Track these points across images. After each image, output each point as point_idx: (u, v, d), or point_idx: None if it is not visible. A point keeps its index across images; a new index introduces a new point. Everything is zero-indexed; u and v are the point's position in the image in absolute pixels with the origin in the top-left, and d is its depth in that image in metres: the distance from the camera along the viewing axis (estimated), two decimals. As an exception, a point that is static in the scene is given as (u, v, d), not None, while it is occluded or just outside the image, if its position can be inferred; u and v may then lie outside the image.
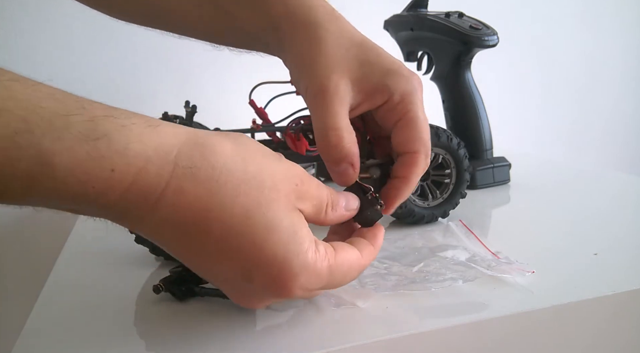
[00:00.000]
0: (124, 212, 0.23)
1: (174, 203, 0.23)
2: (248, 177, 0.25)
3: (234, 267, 0.25)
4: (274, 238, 0.25)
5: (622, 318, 0.34)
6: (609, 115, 1.26)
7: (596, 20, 1.20)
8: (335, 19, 0.33)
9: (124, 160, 0.22)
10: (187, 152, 0.24)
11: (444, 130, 0.47)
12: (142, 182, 0.22)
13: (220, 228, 0.24)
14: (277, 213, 0.25)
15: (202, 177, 0.24)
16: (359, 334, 0.29)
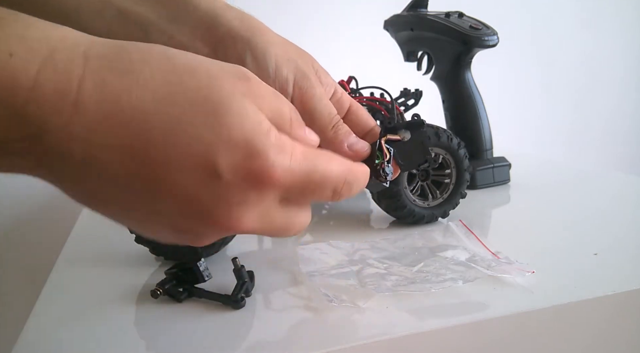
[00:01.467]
0: (40, 117, 0.19)
1: (100, 99, 0.20)
2: (175, 67, 0.22)
3: (193, 164, 0.21)
4: (228, 120, 0.21)
5: (622, 318, 0.34)
6: (609, 115, 1.27)
7: (596, 20, 1.20)
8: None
9: (24, 45, 0.18)
10: (97, 48, 0.20)
11: (444, 130, 0.47)
12: (52, 73, 0.19)
13: (162, 120, 0.20)
14: (224, 96, 0.21)
15: (121, 71, 0.20)
16: (359, 334, 0.29)
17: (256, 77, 0.24)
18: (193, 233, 0.23)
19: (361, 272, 0.36)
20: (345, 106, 0.35)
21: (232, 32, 0.31)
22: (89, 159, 0.20)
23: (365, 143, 0.33)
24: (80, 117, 0.19)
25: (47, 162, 0.20)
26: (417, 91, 0.57)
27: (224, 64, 0.23)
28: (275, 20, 1.04)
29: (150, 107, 0.20)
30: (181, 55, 0.22)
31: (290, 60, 0.32)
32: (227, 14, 0.32)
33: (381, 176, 0.32)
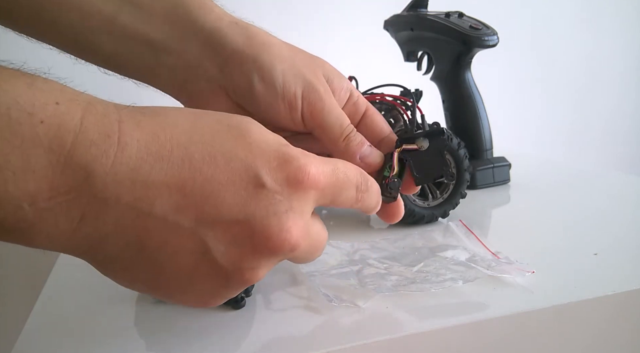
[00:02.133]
0: (86, 166, 0.19)
1: (140, 137, 0.20)
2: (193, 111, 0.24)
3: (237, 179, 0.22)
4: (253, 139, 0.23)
5: (622, 318, 0.34)
6: (609, 115, 1.27)
7: (596, 20, 1.20)
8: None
9: (66, 96, 0.20)
10: (122, 106, 0.22)
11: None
12: (94, 117, 0.20)
13: (201, 151, 0.22)
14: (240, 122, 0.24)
15: (151, 113, 0.22)
16: (359, 334, 0.29)
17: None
18: (246, 263, 0.23)
19: (361, 272, 0.36)
20: (361, 110, 0.34)
21: (238, 51, 0.31)
22: (137, 199, 0.20)
23: (378, 154, 0.32)
24: (124, 156, 0.20)
25: (91, 217, 0.20)
26: (417, 91, 0.57)
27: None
28: (275, 20, 1.05)
29: (185, 139, 0.21)
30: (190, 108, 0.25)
31: (298, 74, 0.32)
32: (233, 31, 0.31)
33: (385, 191, 0.31)
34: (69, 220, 0.20)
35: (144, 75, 0.33)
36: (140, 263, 0.22)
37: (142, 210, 0.21)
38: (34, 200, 0.19)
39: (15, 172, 0.18)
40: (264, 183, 0.22)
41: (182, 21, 0.31)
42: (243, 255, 0.23)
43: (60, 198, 0.19)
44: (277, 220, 0.23)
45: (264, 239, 0.22)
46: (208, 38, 0.31)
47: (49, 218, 0.19)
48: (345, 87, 0.34)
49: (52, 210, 0.19)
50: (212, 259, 0.22)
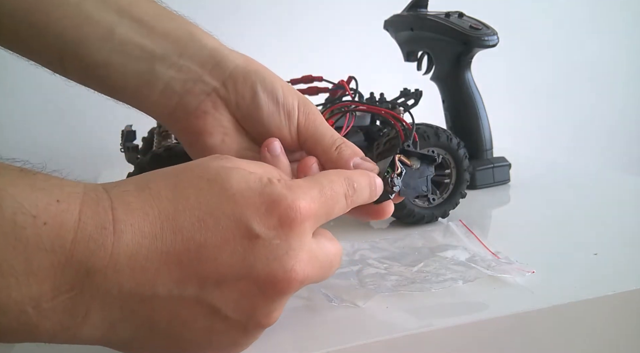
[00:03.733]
0: (86, 261, 0.20)
1: (133, 221, 0.21)
2: (170, 172, 0.24)
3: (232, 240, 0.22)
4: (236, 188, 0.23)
5: (622, 318, 0.34)
6: (609, 115, 1.27)
7: (597, 20, 1.20)
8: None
9: (65, 190, 0.20)
10: (109, 186, 0.23)
11: (444, 130, 0.47)
12: (91, 208, 0.20)
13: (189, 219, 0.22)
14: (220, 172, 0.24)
15: (135, 189, 0.23)
16: (359, 334, 0.29)
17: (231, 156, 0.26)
18: (259, 313, 0.24)
19: (361, 272, 0.36)
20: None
21: (240, 67, 0.33)
22: (138, 285, 0.21)
23: (371, 162, 0.33)
24: (121, 245, 0.20)
25: (96, 309, 0.21)
26: (417, 91, 0.57)
27: (202, 158, 0.26)
28: (276, 20, 1.05)
29: (172, 210, 0.22)
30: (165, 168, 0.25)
31: (292, 91, 0.34)
32: (233, 54, 0.33)
33: (388, 185, 0.32)
34: (73, 317, 0.20)
35: (134, 90, 0.32)
36: (155, 340, 0.23)
37: (145, 294, 0.21)
38: (37, 303, 0.19)
39: (18, 277, 0.18)
40: (258, 234, 0.23)
41: (184, 40, 0.32)
42: (254, 305, 0.23)
43: (62, 296, 0.20)
44: (279, 264, 0.23)
45: (270, 285, 0.23)
46: (210, 56, 0.32)
47: (52, 317, 0.20)
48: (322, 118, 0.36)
49: (55, 309, 0.20)
50: (225, 317, 0.23)
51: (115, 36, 0.30)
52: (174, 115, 0.33)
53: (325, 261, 0.26)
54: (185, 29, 0.32)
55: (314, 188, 0.25)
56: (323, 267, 0.26)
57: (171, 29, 0.32)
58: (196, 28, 0.33)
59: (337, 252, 0.28)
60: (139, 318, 0.22)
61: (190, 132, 0.33)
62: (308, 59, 0.98)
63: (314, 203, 0.24)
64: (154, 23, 0.31)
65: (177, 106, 0.32)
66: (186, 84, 0.32)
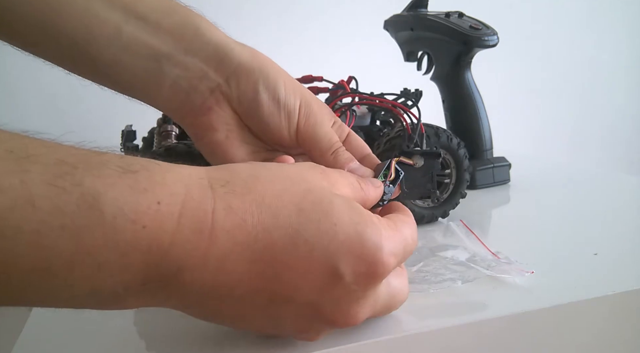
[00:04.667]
0: (180, 259, 0.21)
1: (230, 227, 0.21)
2: (275, 177, 0.24)
3: (316, 270, 0.23)
4: (337, 218, 0.23)
5: (622, 318, 0.34)
6: (609, 115, 1.27)
7: (596, 20, 1.20)
8: None
9: (167, 190, 0.20)
10: (215, 175, 0.23)
11: (444, 130, 0.47)
12: (191, 211, 0.21)
13: (282, 235, 0.22)
14: (324, 197, 0.24)
15: (241, 191, 0.23)
16: (359, 334, 0.29)
17: (322, 166, 0.27)
18: (310, 332, 0.26)
19: (361, 272, 0.36)
20: (344, 134, 0.36)
21: (244, 63, 0.33)
22: (218, 285, 0.22)
23: (367, 169, 0.33)
24: (214, 249, 0.21)
25: (177, 296, 0.22)
26: (417, 91, 0.57)
27: (302, 164, 0.27)
28: (276, 20, 1.05)
29: (270, 222, 0.22)
30: (272, 165, 0.26)
31: (296, 90, 0.34)
32: (239, 48, 0.33)
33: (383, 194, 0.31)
34: (156, 299, 0.22)
35: (142, 88, 0.33)
36: (220, 320, 0.26)
37: (222, 294, 0.22)
38: (127, 287, 0.21)
39: (113, 271, 0.20)
40: (342, 275, 0.23)
41: (189, 35, 0.32)
42: (309, 326, 0.25)
43: (151, 285, 0.21)
44: (346, 308, 0.24)
45: (329, 322, 0.25)
46: (215, 51, 0.32)
47: (138, 297, 0.22)
48: (329, 112, 0.36)
49: (143, 293, 0.21)
50: (281, 326, 0.25)
51: (122, 35, 0.31)
52: (182, 111, 0.33)
53: (386, 304, 0.27)
54: (191, 22, 0.32)
55: (401, 243, 0.26)
56: (383, 309, 0.28)
57: (176, 24, 0.32)
58: (202, 20, 0.33)
59: (403, 294, 0.29)
60: (210, 307, 0.23)
61: (197, 127, 0.34)
62: (308, 59, 0.98)
63: (395, 260, 0.25)
64: (159, 20, 0.31)
65: (184, 103, 0.33)
66: (192, 81, 0.32)
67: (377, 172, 0.33)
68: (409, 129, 0.39)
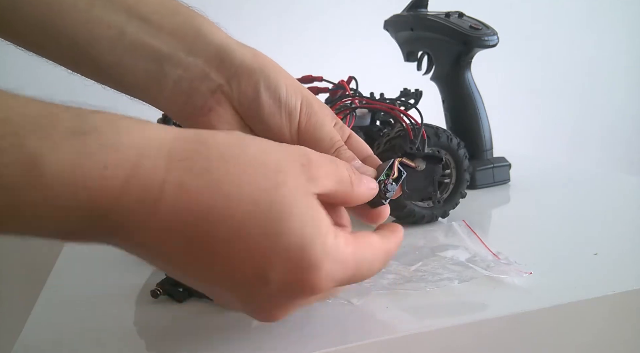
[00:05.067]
0: (120, 221, 0.21)
1: (175, 202, 0.21)
2: (248, 162, 0.23)
3: (246, 269, 0.23)
4: (288, 226, 0.23)
5: (622, 318, 0.34)
6: (609, 115, 1.27)
7: (597, 20, 1.20)
8: None
9: (116, 155, 0.20)
10: (180, 146, 0.22)
11: (444, 130, 0.47)
12: (138, 179, 0.21)
13: (226, 226, 0.22)
14: (287, 198, 0.23)
15: (199, 170, 0.22)
16: (359, 334, 0.29)
17: (315, 153, 0.26)
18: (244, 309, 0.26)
19: (360, 271, 0.36)
20: (346, 134, 0.36)
21: (246, 64, 0.33)
22: (157, 252, 0.23)
23: (369, 168, 0.33)
24: (156, 219, 0.21)
25: (119, 246, 0.23)
26: (417, 91, 0.57)
27: (288, 149, 0.25)
28: (276, 21, 1.05)
29: (220, 211, 0.22)
30: (255, 144, 0.24)
31: (297, 90, 0.34)
32: (240, 48, 0.33)
33: (381, 192, 0.31)
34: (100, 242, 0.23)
35: (144, 89, 0.33)
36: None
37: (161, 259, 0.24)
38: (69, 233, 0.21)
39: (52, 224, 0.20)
40: (269, 282, 0.23)
41: (191, 36, 0.32)
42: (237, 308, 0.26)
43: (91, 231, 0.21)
44: (268, 307, 0.25)
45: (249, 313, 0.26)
46: (216, 52, 0.32)
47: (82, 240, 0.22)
48: (329, 113, 0.36)
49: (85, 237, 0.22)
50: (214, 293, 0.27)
51: (125, 37, 0.31)
52: (184, 112, 0.33)
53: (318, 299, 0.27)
54: (192, 23, 0.32)
55: (349, 270, 0.25)
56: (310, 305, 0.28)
57: (178, 25, 0.32)
58: (204, 21, 0.33)
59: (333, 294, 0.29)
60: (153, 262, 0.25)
61: (198, 127, 0.34)
62: (308, 59, 0.98)
63: (334, 282, 0.25)
64: (161, 21, 0.32)
65: (185, 103, 0.33)
66: (193, 82, 0.32)
67: (379, 172, 0.33)
68: (411, 132, 0.39)
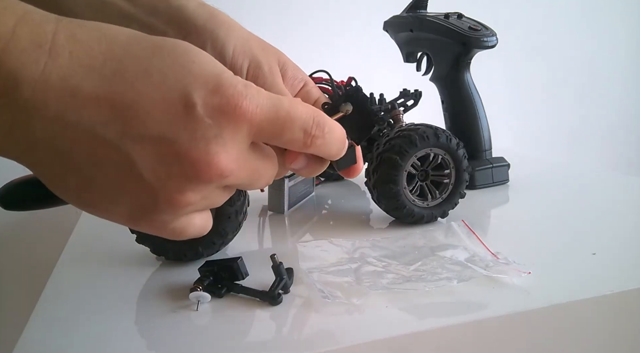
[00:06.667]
0: (16, 72, 0.20)
1: (73, 48, 0.21)
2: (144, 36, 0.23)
3: (168, 98, 0.22)
4: (198, 59, 0.23)
5: (621, 318, 0.34)
6: (608, 115, 1.27)
7: (596, 20, 1.20)
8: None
9: (3, 3, 0.20)
10: (64, 18, 0.22)
11: (443, 131, 0.47)
12: (28, 26, 0.20)
13: (136, 65, 0.22)
14: (189, 45, 0.23)
15: (92, 27, 0.22)
16: (358, 334, 0.29)
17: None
18: (171, 186, 0.23)
19: (359, 269, 0.36)
20: (313, 98, 0.37)
21: (198, 25, 0.34)
22: (64, 108, 0.21)
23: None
24: (55, 65, 0.20)
25: (21, 123, 0.21)
26: (417, 92, 0.57)
27: None
28: (276, 21, 1.05)
29: (121, 52, 0.22)
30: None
31: (247, 52, 0.34)
32: (198, 10, 0.34)
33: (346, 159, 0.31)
34: (0, 125, 0.21)
35: None
36: (70, 172, 0.23)
37: (70, 120, 0.21)
38: None
39: None
40: (195, 104, 0.22)
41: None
42: (170, 174, 0.23)
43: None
44: (204, 144, 0.22)
45: (189, 162, 0.22)
46: (176, 13, 0.34)
47: None
48: (300, 77, 0.37)
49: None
50: (139, 174, 0.22)
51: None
52: None
53: (255, 169, 0.25)
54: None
55: (269, 100, 0.24)
56: (251, 173, 0.25)
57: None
58: None
59: (270, 167, 0.27)
60: (59, 144, 0.22)
61: None
62: (309, 60, 0.98)
63: (260, 111, 0.24)
64: None
65: None
66: None
67: None
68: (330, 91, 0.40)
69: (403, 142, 0.45)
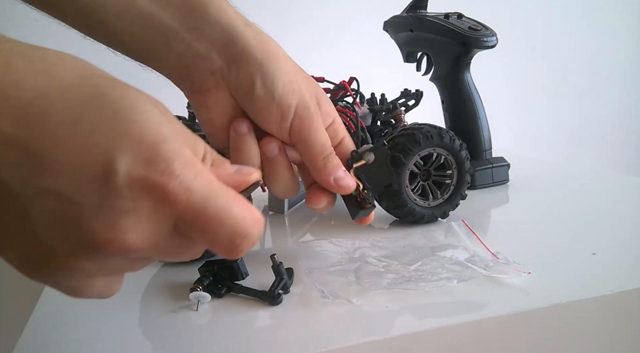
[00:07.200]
0: None
1: (1, 79, 0.18)
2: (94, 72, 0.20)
3: (89, 157, 0.19)
4: (141, 117, 0.20)
5: (621, 318, 0.34)
6: (608, 115, 1.27)
7: (596, 20, 1.20)
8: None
9: None
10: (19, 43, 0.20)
11: (447, 131, 0.47)
12: None
13: (66, 110, 0.19)
14: (136, 100, 0.20)
15: (34, 57, 0.19)
16: (358, 333, 0.29)
17: None
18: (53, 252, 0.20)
19: (359, 269, 0.36)
20: (339, 136, 0.36)
21: (248, 51, 0.32)
22: None
23: (352, 179, 0.34)
24: None
25: None
26: (418, 92, 0.57)
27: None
28: (277, 21, 1.04)
29: (56, 92, 0.19)
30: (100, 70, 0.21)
31: (296, 90, 0.33)
32: (247, 33, 0.32)
33: (367, 204, 0.34)
34: None
35: (151, 59, 0.33)
36: None
37: None
38: None
39: None
40: (116, 171, 0.19)
41: (197, 13, 0.32)
42: (65, 238, 0.20)
43: None
44: (112, 217, 0.20)
45: (89, 231, 0.19)
46: (222, 33, 0.32)
47: None
48: (330, 112, 0.36)
49: None
50: (31, 228, 0.20)
51: (135, 8, 0.31)
52: (184, 85, 0.34)
53: (175, 247, 0.22)
54: (200, 2, 0.32)
55: (207, 192, 0.21)
56: (170, 250, 0.22)
57: (186, 0, 0.32)
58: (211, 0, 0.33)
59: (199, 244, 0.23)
60: None
61: (195, 102, 0.34)
62: (309, 60, 0.98)
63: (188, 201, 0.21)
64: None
65: (186, 77, 0.33)
66: (194, 59, 0.32)
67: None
68: (351, 124, 0.40)
69: (407, 140, 0.45)
